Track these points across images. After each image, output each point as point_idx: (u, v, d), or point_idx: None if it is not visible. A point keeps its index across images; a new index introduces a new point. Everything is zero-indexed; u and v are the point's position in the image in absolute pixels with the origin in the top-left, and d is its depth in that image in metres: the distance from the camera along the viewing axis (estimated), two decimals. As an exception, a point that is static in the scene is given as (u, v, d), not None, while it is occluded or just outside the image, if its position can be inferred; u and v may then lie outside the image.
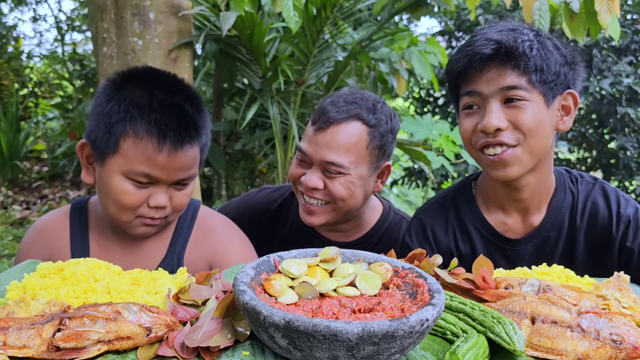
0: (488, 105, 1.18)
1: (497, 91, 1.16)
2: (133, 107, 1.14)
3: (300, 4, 2.60)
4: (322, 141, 1.40)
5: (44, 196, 5.94)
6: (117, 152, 1.14)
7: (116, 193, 1.15)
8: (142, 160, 1.13)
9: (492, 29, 1.20)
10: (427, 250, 1.34)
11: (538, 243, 1.28)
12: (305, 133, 1.48)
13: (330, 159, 1.39)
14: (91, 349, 0.72)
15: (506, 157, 1.18)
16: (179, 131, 1.14)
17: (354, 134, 1.39)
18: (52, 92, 8.32)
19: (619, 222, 1.23)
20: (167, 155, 1.13)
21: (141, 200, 1.16)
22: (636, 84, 4.62)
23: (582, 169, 5.43)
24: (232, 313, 0.82)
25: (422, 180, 5.44)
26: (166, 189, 1.18)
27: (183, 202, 1.22)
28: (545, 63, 1.15)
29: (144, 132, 1.12)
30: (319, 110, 1.43)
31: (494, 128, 1.16)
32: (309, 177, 1.42)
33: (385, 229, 1.58)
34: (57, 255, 1.24)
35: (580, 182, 1.30)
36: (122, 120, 1.13)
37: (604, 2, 2.16)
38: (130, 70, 1.23)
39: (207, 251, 1.34)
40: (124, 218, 1.19)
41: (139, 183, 1.15)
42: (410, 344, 0.69)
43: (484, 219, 1.32)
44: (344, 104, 1.41)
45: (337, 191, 1.41)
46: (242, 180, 4.70)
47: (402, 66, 3.66)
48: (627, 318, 0.80)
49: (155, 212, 1.19)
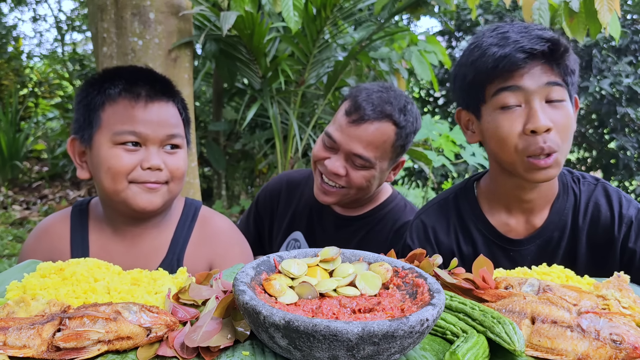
0: (532, 103, 1.13)
1: (542, 87, 1.13)
2: (105, 83, 1.21)
3: (300, 4, 2.60)
4: (354, 134, 1.47)
5: (44, 196, 5.94)
6: (100, 125, 1.19)
7: (107, 161, 1.17)
8: (123, 120, 1.18)
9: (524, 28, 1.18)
10: (429, 251, 1.35)
11: (541, 244, 1.28)
12: (335, 119, 1.55)
13: (359, 152, 1.48)
14: (91, 349, 0.72)
15: (552, 162, 1.14)
16: (151, 86, 1.21)
17: (385, 133, 1.48)
18: (52, 92, 8.32)
19: (620, 223, 1.23)
20: (144, 107, 1.19)
21: (133, 163, 1.18)
22: (636, 84, 4.62)
23: (582, 169, 5.43)
24: (232, 313, 0.82)
25: (422, 180, 5.44)
26: (157, 151, 1.20)
27: (178, 165, 1.24)
28: (575, 67, 1.17)
29: (118, 95, 1.19)
30: (354, 104, 1.49)
31: (545, 128, 1.12)
32: (333, 163, 1.51)
33: (390, 209, 1.67)
34: (59, 256, 1.24)
35: (583, 182, 1.30)
36: (98, 95, 1.20)
37: (604, 1, 2.16)
38: (107, 69, 1.31)
39: (208, 252, 1.34)
40: (119, 186, 1.18)
41: (129, 146, 1.18)
42: (410, 344, 0.69)
43: (486, 219, 1.32)
44: (379, 102, 1.48)
45: (357, 181, 1.51)
46: (242, 180, 4.70)
47: (402, 66, 3.66)
48: (627, 318, 0.80)
49: (151, 175, 1.19)
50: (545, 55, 1.14)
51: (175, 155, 1.23)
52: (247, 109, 3.74)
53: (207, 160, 4.40)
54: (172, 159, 1.22)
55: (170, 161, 1.22)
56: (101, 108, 1.19)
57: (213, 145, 3.99)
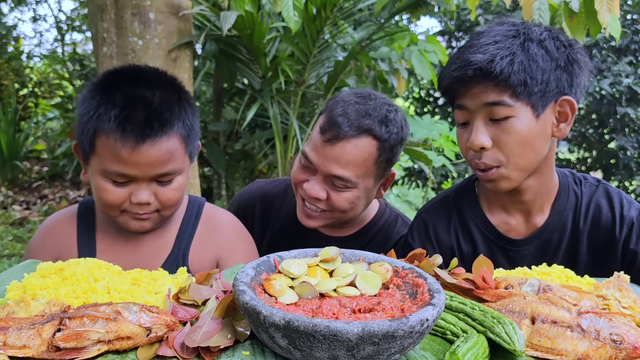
0: (474, 122, 1.18)
1: (481, 107, 1.16)
2: (100, 106, 1.13)
3: (300, 4, 2.60)
4: (331, 154, 1.34)
5: (44, 196, 5.94)
6: (95, 152, 1.15)
7: (99, 191, 1.17)
8: (112, 159, 1.12)
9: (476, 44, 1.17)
10: (429, 249, 1.35)
11: (540, 244, 1.28)
12: (311, 138, 1.42)
13: (337, 173, 1.34)
14: (91, 349, 0.72)
15: (492, 177, 1.20)
16: (140, 125, 1.10)
17: (364, 150, 1.34)
18: (52, 92, 8.32)
19: (622, 224, 1.23)
20: (131, 150, 1.10)
21: (122, 197, 1.16)
22: (636, 84, 4.62)
23: (582, 169, 5.43)
24: (232, 313, 0.82)
25: (422, 180, 5.44)
26: (147, 185, 1.16)
27: (170, 197, 1.19)
28: (529, 75, 1.12)
29: (109, 130, 1.11)
30: (329, 120, 1.35)
31: (478, 147, 1.17)
32: (312, 186, 1.38)
33: (381, 226, 1.58)
34: (66, 254, 1.25)
35: (584, 184, 1.29)
36: (92, 120, 1.13)
37: (604, 2, 2.16)
38: (110, 71, 1.22)
39: (214, 246, 1.34)
40: (111, 214, 1.20)
41: (117, 182, 1.15)
42: (410, 344, 0.69)
43: (487, 219, 1.32)
44: (355, 117, 1.34)
45: (339, 204, 1.38)
46: (242, 180, 4.70)
47: (402, 66, 3.66)
48: (627, 318, 0.80)
49: (140, 209, 1.18)
50: (480, 75, 1.14)
51: (167, 187, 1.19)
52: (247, 109, 3.74)
53: (207, 160, 4.40)
54: (164, 191, 1.18)
55: (161, 193, 1.18)
56: (96, 135, 1.13)
57: (213, 145, 3.99)
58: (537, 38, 1.16)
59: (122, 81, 1.16)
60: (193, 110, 1.24)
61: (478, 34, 1.21)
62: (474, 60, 1.13)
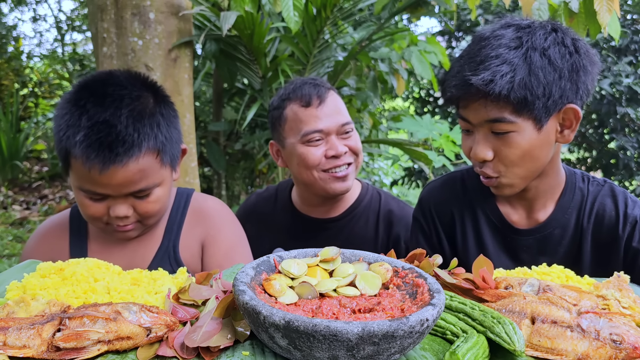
0: (477, 134, 1.20)
1: (483, 122, 1.18)
2: (68, 127, 1.11)
3: (300, 4, 2.60)
4: (329, 111, 1.56)
5: (44, 196, 5.94)
6: (70, 168, 1.16)
7: (79, 204, 1.19)
8: (84, 179, 1.13)
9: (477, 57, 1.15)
10: (430, 222, 1.41)
11: (540, 238, 1.29)
12: (301, 120, 1.57)
13: (345, 120, 1.57)
14: (91, 349, 0.72)
15: (493, 184, 1.23)
16: (104, 152, 1.09)
17: (338, 99, 1.62)
18: (52, 92, 8.32)
19: (625, 222, 1.23)
20: (99, 173, 1.09)
21: (101, 211, 1.17)
22: (636, 84, 4.62)
23: (582, 169, 5.41)
24: (232, 313, 0.82)
25: (422, 180, 5.44)
26: (124, 200, 1.16)
27: (149, 209, 1.19)
28: (529, 92, 1.11)
29: (76, 154, 1.10)
30: (302, 96, 1.56)
31: (480, 160, 1.21)
32: (334, 146, 1.55)
33: (367, 202, 1.70)
34: (59, 256, 1.25)
35: (592, 183, 1.30)
36: (62, 140, 1.12)
37: (604, 2, 2.16)
38: (81, 84, 1.19)
39: (200, 233, 1.35)
40: (96, 225, 1.23)
41: (93, 198, 1.16)
42: (410, 344, 0.69)
43: (494, 201, 1.34)
44: (315, 84, 1.59)
45: (358, 144, 1.60)
46: (242, 180, 4.70)
47: (402, 66, 3.66)
48: (627, 318, 0.80)
49: (120, 221, 1.18)
50: (482, 94, 1.13)
51: (145, 200, 1.18)
52: (247, 109, 3.73)
53: (207, 160, 4.40)
54: (142, 205, 1.18)
55: (140, 206, 1.18)
56: (68, 153, 1.13)
57: (213, 145, 3.99)
58: (540, 46, 1.13)
59: (89, 100, 1.13)
60: (170, 116, 1.22)
61: (481, 39, 1.19)
62: (473, 82, 1.13)
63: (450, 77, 1.22)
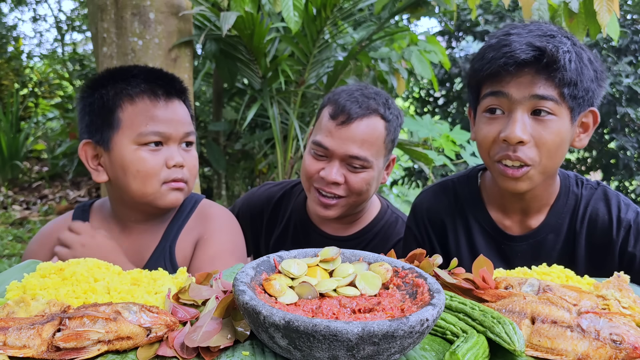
0: (514, 113, 1.11)
1: (527, 98, 1.09)
2: (120, 82, 1.22)
3: (300, 4, 2.60)
4: (346, 136, 1.42)
5: (44, 196, 5.94)
6: (120, 126, 1.19)
7: (134, 164, 1.19)
8: (146, 120, 1.19)
9: (529, 31, 1.11)
10: (422, 230, 1.38)
11: (534, 244, 1.28)
12: (320, 127, 1.49)
13: (355, 153, 1.42)
14: (91, 349, 0.72)
15: (520, 175, 1.14)
16: (166, 85, 1.24)
17: (376, 129, 1.44)
18: (52, 92, 8.31)
19: (619, 226, 1.22)
20: (165, 106, 1.21)
21: (159, 163, 1.21)
22: (636, 84, 4.62)
23: (582, 169, 5.43)
24: (232, 313, 0.82)
25: (422, 180, 5.44)
26: (177, 149, 1.24)
27: (194, 163, 1.29)
28: (579, 78, 1.08)
29: (137, 95, 1.21)
30: (338, 106, 1.44)
31: (517, 140, 1.10)
32: (329, 171, 1.45)
33: (381, 226, 1.61)
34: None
35: (585, 186, 1.29)
36: (115, 96, 1.20)
37: (603, 2, 2.16)
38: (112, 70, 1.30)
39: (196, 234, 1.35)
40: (150, 189, 1.22)
41: (152, 146, 1.20)
42: (410, 344, 0.69)
43: (485, 209, 1.32)
44: (362, 100, 1.44)
45: (357, 185, 1.46)
46: (242, 180, 4.70)
47: (402, 66, 3.66)
48: (627, 318, 0.80)
49: (177, 172, 1.23)
50: (538, 64, 1.08)
51: (190, 153, 1.29)
52: (247, 109, 3.74)
53: (207, 160, 4.40)
54: (189, 157, 1.28)
55: (187, 158, 1.26)
56: (119, 109, 1.19)
57: (213, 145, 3.99)
58: (580, 45, 1.12)
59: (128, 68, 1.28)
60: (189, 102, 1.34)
61: (513, 26, 1.15)
62: (540, 46, 1.07)
63: (490, 50, 1.14)
